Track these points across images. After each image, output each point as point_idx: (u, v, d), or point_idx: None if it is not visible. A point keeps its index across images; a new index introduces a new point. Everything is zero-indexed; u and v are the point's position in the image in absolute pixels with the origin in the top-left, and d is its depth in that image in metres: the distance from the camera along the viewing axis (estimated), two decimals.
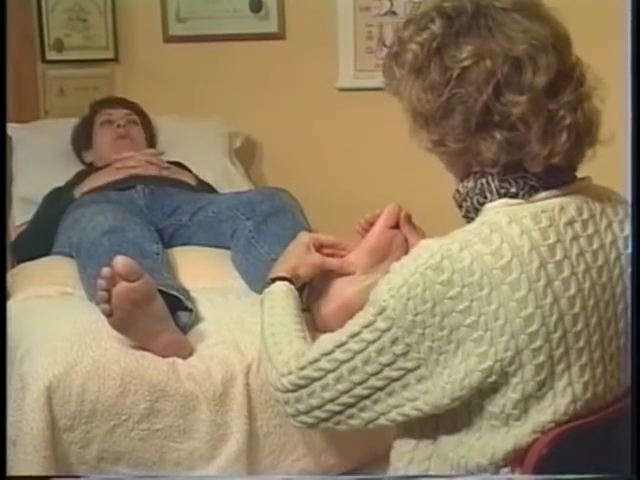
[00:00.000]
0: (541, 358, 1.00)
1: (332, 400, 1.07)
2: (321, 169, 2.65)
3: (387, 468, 1.16)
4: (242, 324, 1.56)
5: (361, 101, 2.54)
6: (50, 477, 1.35)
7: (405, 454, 1.12)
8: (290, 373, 1.10)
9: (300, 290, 1.31)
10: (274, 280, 1.29)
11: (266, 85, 2.66)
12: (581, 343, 1.02)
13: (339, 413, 1.08)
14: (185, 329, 1.54)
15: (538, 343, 1.00)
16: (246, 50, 2.66)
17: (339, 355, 1.06)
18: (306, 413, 1.10)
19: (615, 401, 1.06)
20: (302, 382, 1.09)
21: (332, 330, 1.30)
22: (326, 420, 1.09)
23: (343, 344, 1.06)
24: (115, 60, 2.75)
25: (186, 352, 1.48)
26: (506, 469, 1.04)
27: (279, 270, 1.31)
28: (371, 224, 1.38)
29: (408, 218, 1.37)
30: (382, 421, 1.07)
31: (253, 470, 1.46)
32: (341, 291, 1.35)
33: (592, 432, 1.04)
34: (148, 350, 1.46)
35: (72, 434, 1.40)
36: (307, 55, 2.60)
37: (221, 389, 1.44)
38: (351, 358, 1.05)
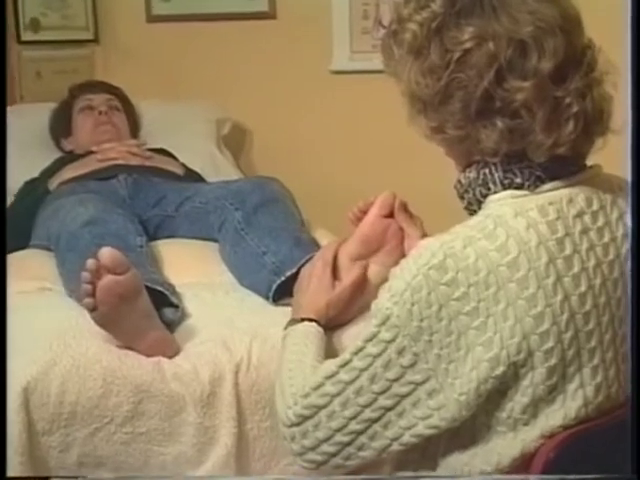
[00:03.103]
0: (553, 360, 1.00)
1: (339, 429, 1.06)
2: (314, 157, 2.64)
3: (382, 473, 1.16)
4: (231, 321, 1.56)
5: (357, 85, 2.53)
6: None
7: (407, 462, 1.11)
8: (295, 404, 1.09)
9: (291, 283, 1.30)
10: (302, 319, 1.28)
11: (256, 68, 2.65)
12: (593, 343, 1.02)
13: (348, 444, 1.06)
14: (171, 326, 1.54)
15: (550, 344, 0.99)
16: (235, 30, 2.65)
17: (344, 376, 1.05)
18: (313, 449, 1.08)
19: (627, 401, 1.06)
20: (307, 412, 1.07)
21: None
22: (335, 455, 1.07)
23: (347, 363, 1.05)
24: (95, 41, 2.74)
25: (172, 351, 1.48)
26: None
27: (308, 310, 1.29)
28: (364, 212, 1.38)
29: (403, 206, 1.37)
30: (396, 447, 1.05)
31: (243, 475, 1.45)
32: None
33: (602, 433, 1.04)
34: (132, 349, 1.46)
35: (51, 438, 1.39)
36: (299, 36, 2.59)
37: (209, 390, 1.44)
38: (356, 377, 1.04)
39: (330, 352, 1.25)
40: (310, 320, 1.27)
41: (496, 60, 0.99)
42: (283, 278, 1.61)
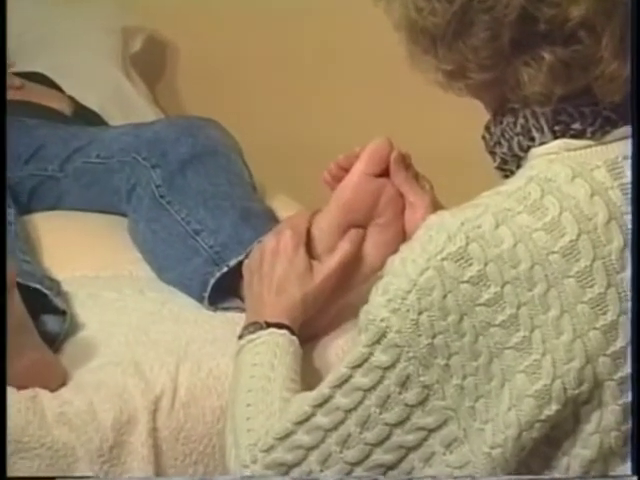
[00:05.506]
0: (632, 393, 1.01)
1: None
2: (269, 87, 2.64)
3: None
4: (146, 334, 1.57)
5: None
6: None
7: None
8: (254, 461, 1.10)
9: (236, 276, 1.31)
10: (268, 324, 1.30)
11: None
12: None
13: None
14: (54, 343, 1.54)
15: (627, 370, 1.01)
16: None
17: (322, 420, 1.06)
18: None
19: None
20: (271, 473, 1.08)
21: None
22: None
23: (326, 400, 1.06)
24: None
25: (56, 379, 1.48)
26: None
27: (276, 309, 1.32)
28: (346, 170, 1.40)
29: (404, 161, 1.38)
30: None
31: None
32: None
33: None
34: None
35: None
36: None
37: (112, 438, 1.44)
38: (341, 422, 1.05)
39: (310, 376, 1.27)
40: (279, 326, 1.29)
41: None
42: (226, 269, 1.62)
